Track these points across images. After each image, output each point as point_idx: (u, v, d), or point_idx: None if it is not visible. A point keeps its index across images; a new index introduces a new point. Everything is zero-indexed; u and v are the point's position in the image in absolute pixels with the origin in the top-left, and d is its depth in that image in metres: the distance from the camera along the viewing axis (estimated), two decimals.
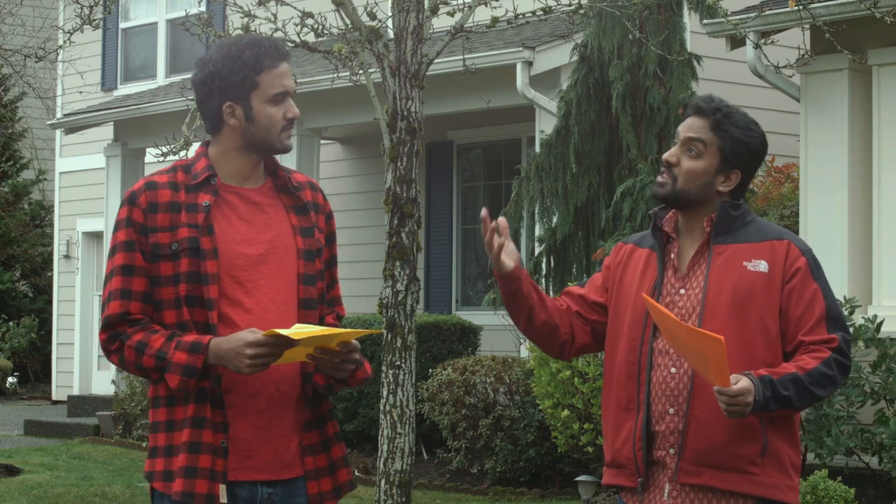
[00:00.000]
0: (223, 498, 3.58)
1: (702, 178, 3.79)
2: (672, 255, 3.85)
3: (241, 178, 3.72)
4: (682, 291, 3.80)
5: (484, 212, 3.84)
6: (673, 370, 3.75)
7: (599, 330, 3.96)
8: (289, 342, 3.48)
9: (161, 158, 8.93)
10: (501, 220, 3.82)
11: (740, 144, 3.79)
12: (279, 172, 3.76)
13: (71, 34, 10.08)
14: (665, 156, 3.83)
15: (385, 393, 7.71)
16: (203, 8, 12.16)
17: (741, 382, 3.56)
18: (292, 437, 3.68)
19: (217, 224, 3.64)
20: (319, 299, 3.74)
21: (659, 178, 3.83)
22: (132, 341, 3.60)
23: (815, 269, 3.77)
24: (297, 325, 3.56)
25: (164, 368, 3.57)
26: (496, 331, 12.59)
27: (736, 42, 10.76)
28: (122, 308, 3.62)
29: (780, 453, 3.74)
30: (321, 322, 3.75)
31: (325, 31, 8.35)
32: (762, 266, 3.73)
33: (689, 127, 3.83)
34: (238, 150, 3.70)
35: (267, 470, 3.65)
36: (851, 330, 8.95)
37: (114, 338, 3.63)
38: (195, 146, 9.14)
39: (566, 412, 9.78)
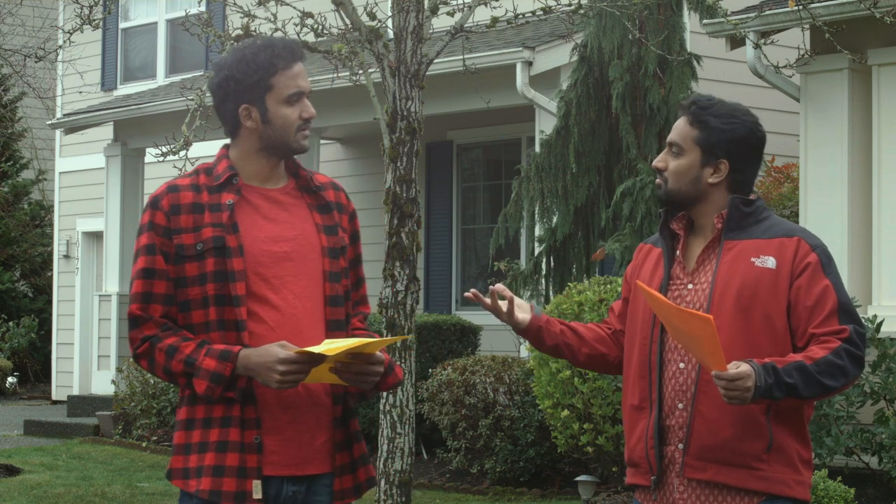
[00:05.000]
0: (257, 494, 3.60)
1: (688, 175, 3.81)
2: (678, 252, 3.86)
3: (261, 179, 3.76)
4: (690, 287, 3.81)
5: (470, 294, 3.95)
6: (682, 365, 3.77)
7: None
8: (319, 359, 3.50)
9: (161, 158, 8.92)
10: (498, 286, 3.93)
11: (717, 133, 3.78)
12: (301, 173, 3.81)
13: (71, 34, 10.07)
14: (654, 162, 3.89)
15: (385, 393, 7.70)
16: (203, 8, 12.15)
17: (741, 367, 3.55)
18: (319, 432, 3.70)
19: (241, 223, 3.68)
20: (345, 296, 3.77)
21: (656, 182, 3.89)
22: (164, 344, 3.64)
23: (826, 264, 3.74)
24: (328, 341, 3.57)
25: (192, 374, 3.60)
26: (496, 331, 12.58)
27: (736, 42, 10.76)
28: (141, 311, 3.66)
29: (787, 448, 3.73)
30: (347, 321, 3.78)
31: (325, 31, 8.35)
32: (770, 262, 3.72)
33: (674, 128, 3.88)
34: (257, 151, 3.74)
35: (292, 465, 3.67)
36: None
37: (143, 340, 3.67)
38: (195, 146, 9.15)
39: (566, 412, 9.78)
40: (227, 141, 3.84)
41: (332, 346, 3.51)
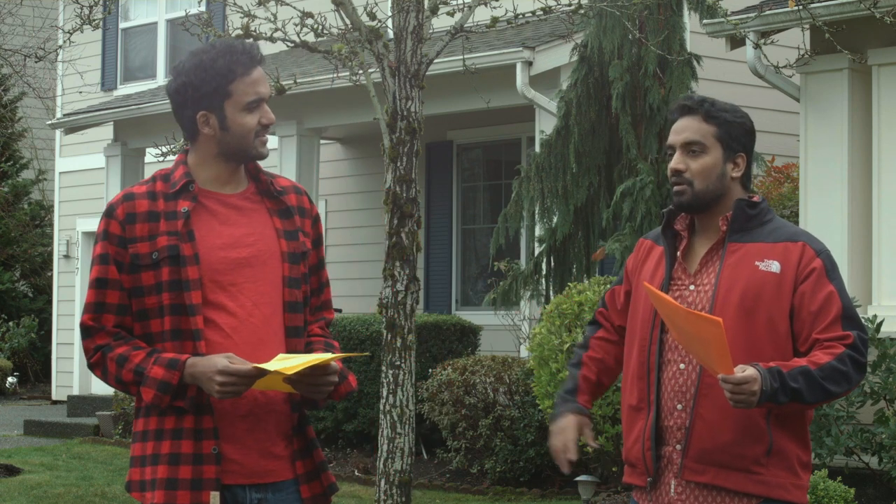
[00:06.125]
0: None
1: (714, 172, 3.80)
2: (679, 253, 3.86)
3: (220, 184, 3.70)
4: (692, 288, 3.80)
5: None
6: (682, 366, 3.76)
7: None
8: (263, 373, 3.48)
9: (161, 158, 8.92)
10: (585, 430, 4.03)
11: (735, 127, 3.82)
12: (261, 177, 3.75)
13: (71, 34, 10.08)
14: (672, 165, 3.83)
15: (385, 393, 7.70)
16: (203, 8, 12.16)
17: (747, 371, 3.55)
18: (278, 439, 3.66)
19: (197, 230, 3.62)
20: (304, 302, 3.73)
21: (676, 189, 3.83)
22: (114, 354, 3.62)
23: (830, 270, 3.74)
24: (281, 356, 3.54)
25: (140, 382, 3.57)
26: (496, 331, 12.58)
27: (736, 42, 10.76)
28: (94, 321, 3.63)
29: (787, 452, 3.74)
30: (305, 327, 3.74)
31: (325, 31, 8.35)
32: (774, 266, 3.72)
33: (682, 129, 3.84)
34: (215, 157, 3.68)
35: (254, 475, 3.63)
36: None
37: (95, 350, 3.65)
38: None
39: None
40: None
41: (286, 364, 3.47)
